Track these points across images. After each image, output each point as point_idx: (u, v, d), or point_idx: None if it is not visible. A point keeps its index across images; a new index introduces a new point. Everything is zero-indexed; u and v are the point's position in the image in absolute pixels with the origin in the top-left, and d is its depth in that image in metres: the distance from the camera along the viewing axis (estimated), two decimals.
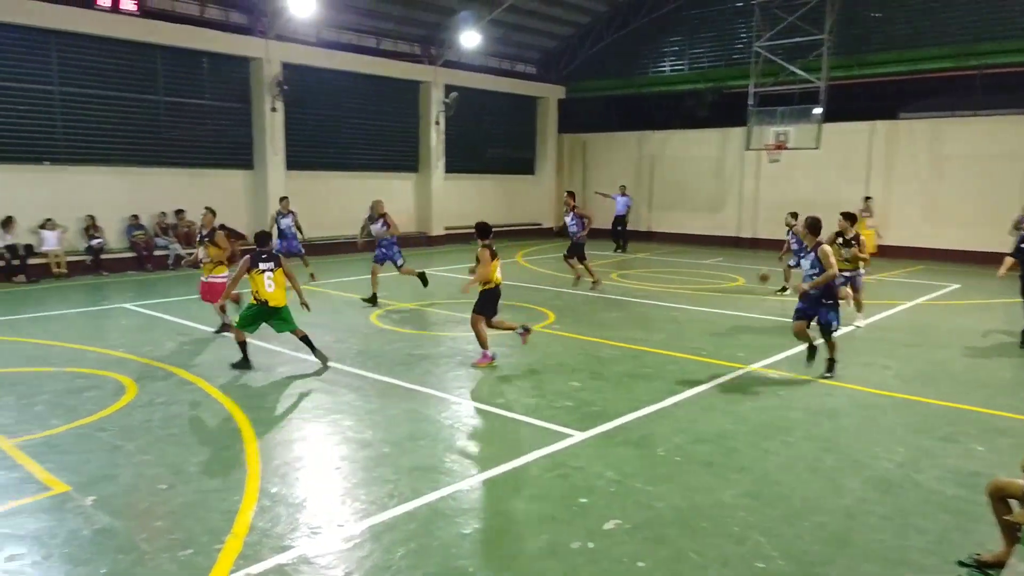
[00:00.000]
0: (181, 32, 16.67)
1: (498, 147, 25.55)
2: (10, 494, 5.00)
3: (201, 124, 17.82)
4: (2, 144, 14.72)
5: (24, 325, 10.54)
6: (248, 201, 18.80)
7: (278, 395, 7.46)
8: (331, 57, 19.55)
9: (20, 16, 14.31)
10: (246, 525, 4.59)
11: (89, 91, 15.80)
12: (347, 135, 20.84)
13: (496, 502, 5.04)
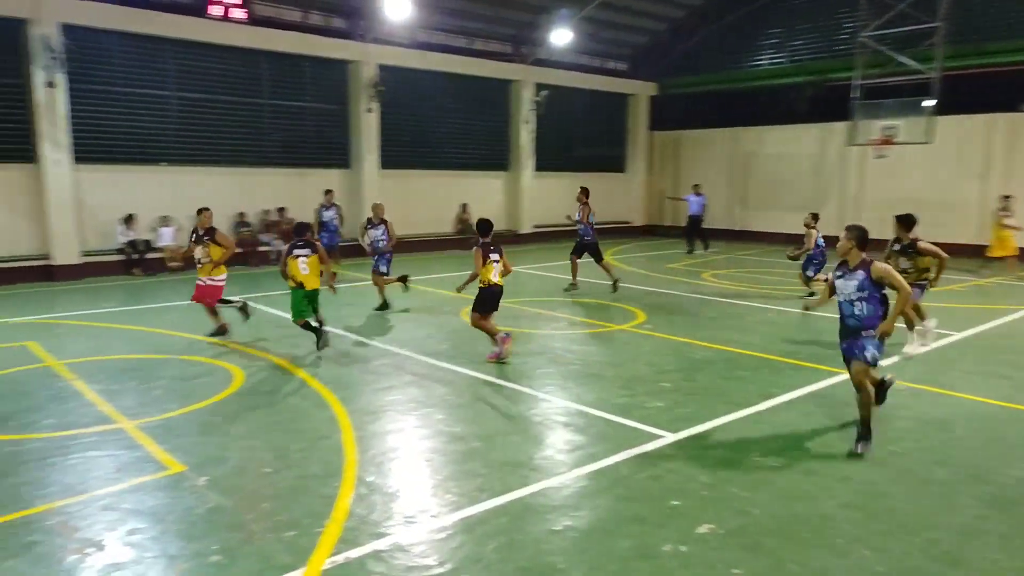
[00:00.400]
0: (285, 38, 17.41)
1: (588, 145, 25.41)
2: (132, 472, 5.37)
3: (302, 125, 18.57)
4: (125, 147, 15.80)
5: (143, 315, 11.29)
6: (344, 199, 19.39)
7: (373, 387, 7.69)
8: (424, 58, 19.96)
9: (141, 26, 15.30)
10: (345, 511, 4.76)
11: (201, 96, 16.75)
12: (438, 135, 21.23)
13: (585, 500, 5.02)
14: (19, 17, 13.84)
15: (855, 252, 5.84)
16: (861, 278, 5.75)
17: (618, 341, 9.76)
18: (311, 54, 18.11)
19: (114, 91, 15.47)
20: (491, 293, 8.57)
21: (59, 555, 4.19)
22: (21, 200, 14.48)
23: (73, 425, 6.33)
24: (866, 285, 5.74)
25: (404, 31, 19.38)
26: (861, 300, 5.77)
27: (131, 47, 15.51)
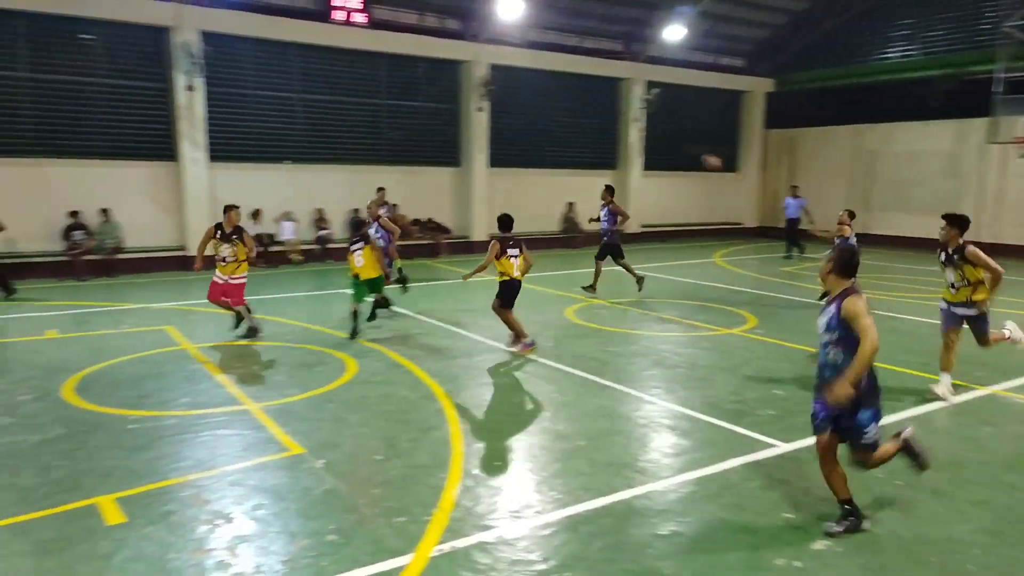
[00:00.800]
0: (402, 40, 17.97)
1: (699, 144, 24.69)
2: (256, 451, 5.71)
3: (415, 125, 19.12)
4: (254, 146, 16.81)
5: (265, 304, 11.96)
6: (454, 197, 19.88)
7: (479, 382, 7.82)
8: (534, 57, 20.07)
9: (271, 31, 16.21)
10: (451, 501, 4.87)
11: (323, 97, 17.56)
12: (546, 133, 21.30)
13: (692, 506, 4.91)
14: (163, 25, 14.99)
15: (834, 279, 4.47)
16: (830, 315, 4.42)
17: (727, 345, 9.48)
18: (426, 55, 18.61)
19: (245, 94, 16.48)
20: (510, 286, 8.87)
21: (192, 525, 4.51)
22: (163, 195, 15.69)
23: (204, 405, 6.80)
24: (834, 324, 4.38)
25: (516, 31, 19.55)
26: (834, 345, 4.40)
27: (261, 52, 16.46)
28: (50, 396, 6.97)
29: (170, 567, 4.03)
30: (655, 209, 23.28)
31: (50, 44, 14.34)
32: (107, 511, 4.63)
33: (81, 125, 14.86)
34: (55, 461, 5.47)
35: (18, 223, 14.24)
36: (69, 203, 14.52)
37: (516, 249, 8.90)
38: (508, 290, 8.88)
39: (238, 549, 4.24)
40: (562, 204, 21.55)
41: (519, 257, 8.88)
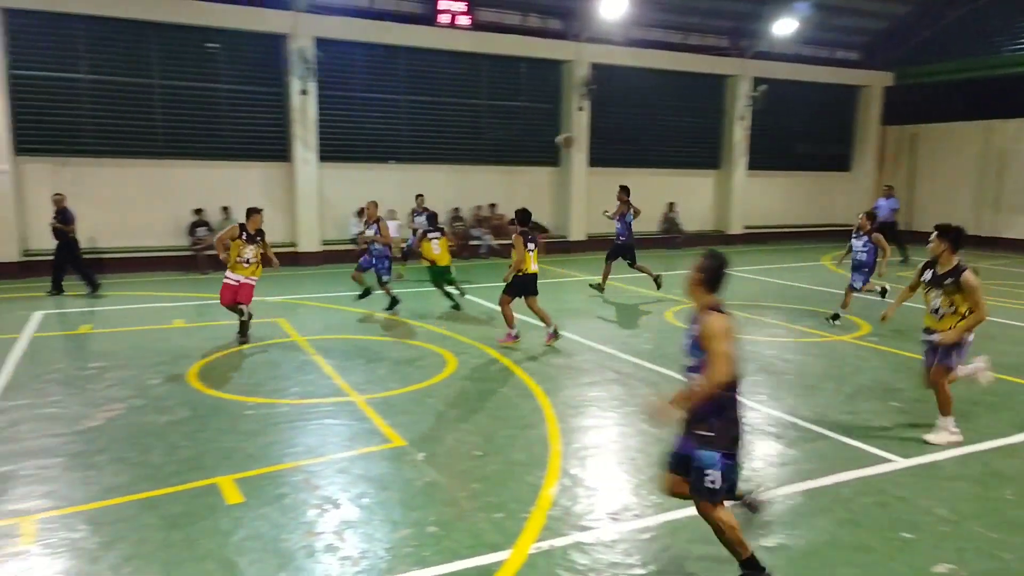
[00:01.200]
0: (505, 41, 18.17)
1: (808, 142, 23.74)
2: (361, 441, 5.92)
3: (515, 125, 19.28)
4: (361, 146, 17.43)
5: (370, 300, 12.37)
6: (553, 196, 19.91)
7: (576, 382, 7.79)
8: (637, 55, 19.80)
9: (379, 36, 16.76)
10: (549, 500, 4.88)
11: (427, 98, 17.98)
12: (647, 132, 20.97)
13: (801, 519, 4.71)
14: (281, 33, 15.77)
15: (700, 293, 3.75)
16: (692, 335, 3.74)
17: (838, 352, 9.04)
18: (527, 55, 18.73)
19: (353, 96, 17.10)
20: (524, 279, 9.11)
21: (303, 508, 4.73)
22: (277, 194, 16.51)
23: (313, 395, 7.11)
24: (694, 348, 3.73)
25: (618, 29, 19.35)
26: (699, 372, 3.68)
27: (369, 55, 17.03)
28: (177, 380, 7.48)
29: (283, 547, 4.23)
30: (759, 210, 22.50)
31: (179, 53, 15.37)
32: (227, 491, 4.92)
33: (205, 128, 15.85)
34: (181, 441, 5.86)
35: (149, 220, 15.38)
36: (194, 201, 15.52)
37: (533, 243, 9.22)
38: (521, 283, 9.15)
39: (345, 534, 4.41)
40: (662, 204, 21.18)
41: (535, 251, 9.22)
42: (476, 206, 18.82)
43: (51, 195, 12.61)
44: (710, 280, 3.71)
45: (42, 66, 14.29)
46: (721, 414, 3.67)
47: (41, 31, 14.17)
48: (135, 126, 15.21)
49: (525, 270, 9.10)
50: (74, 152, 14.74)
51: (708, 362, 3.57)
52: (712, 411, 3.64)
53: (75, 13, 14.15)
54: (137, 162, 15.25)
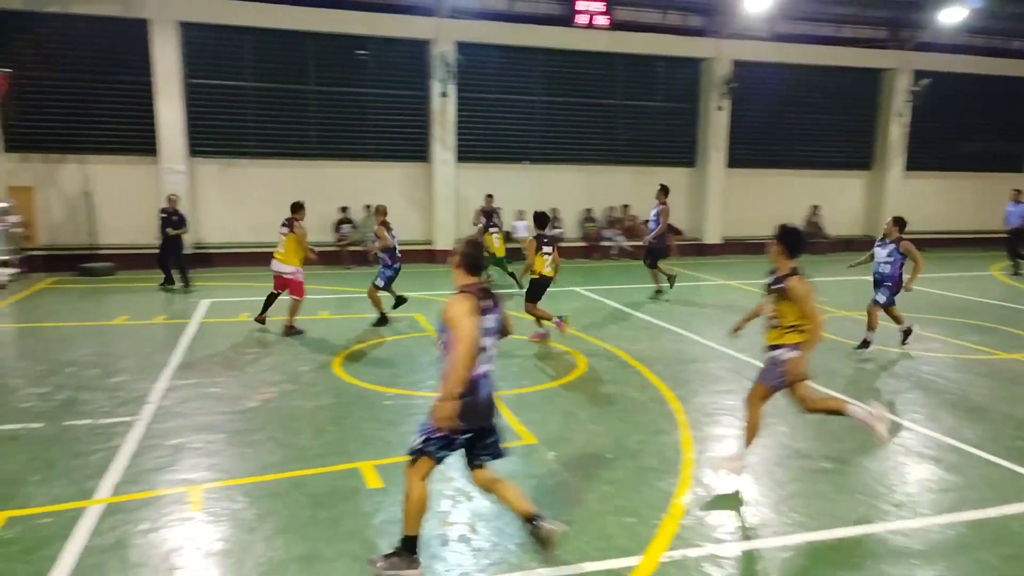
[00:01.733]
0: (643, 40, 17.92)
1: (975, 140, 21.70)
2: None
3: (650, 125, 18.97)
4: (495, 147, 17.77)
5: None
6: (688, 197, 19.42)
7: (711, 389, 7.56)
8: (782, 51, 18.92)
9: (517, 39, 17.03)
10: (682, 509, 4.76)
11: (561, 99, 18.07)
12: (791, 132, 19.98)
13: (963, 552, 4.32)
14: (425, 38, 16.38)
15: (461, 273, 3.97)
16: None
17: (1009, 372, 8.21)
18: (665, 54, 18.38)
19: (490, 97, 17.48)
20: (542, 282, 9.18)
21: (437, 498, 4.84)
22: (415, 193, 17.18)
23: None
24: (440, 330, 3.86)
25: (763, 24, 18.57)
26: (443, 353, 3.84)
27: (506, 58, 17.35)
28: (323, 368, 7.95)
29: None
30: (918, 213, 20.56)
31: (332, 60, 16.34)
32: (368, 476, 5.18)
33: (353, 130, 16.76)
34: (326, 426, 6.23)
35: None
36: (340, 199, 16.43)
37: (549, 247, 9.24)
38: (540, 286, 9.21)
39: (477, 526, 4.51)
40: (805, 207, 20.12)
41: (551, 255, 9.20)
42: (608, 207, 18.68)
43: (167, 196, 13.37)
44: (468, 263, 3.94)
45: (213, 75, 15.64)
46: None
47: (213, 42, 15.52)
48: (291, 129, 16.32)
49: (541, 273, 9.15)
50: (239, 154, 16.03)
51: (455, 341, 3.63)
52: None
53: (243, 26, 15.39)
54: (291, 163, 16.36)
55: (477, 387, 3.84)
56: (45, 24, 14.38)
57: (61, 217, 15.09)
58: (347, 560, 4.10)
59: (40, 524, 4.43)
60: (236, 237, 16.11)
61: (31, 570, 3.93)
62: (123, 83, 15.08)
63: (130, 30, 14.76)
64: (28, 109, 14.55)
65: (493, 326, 3.92)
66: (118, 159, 15.31)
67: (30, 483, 5.00)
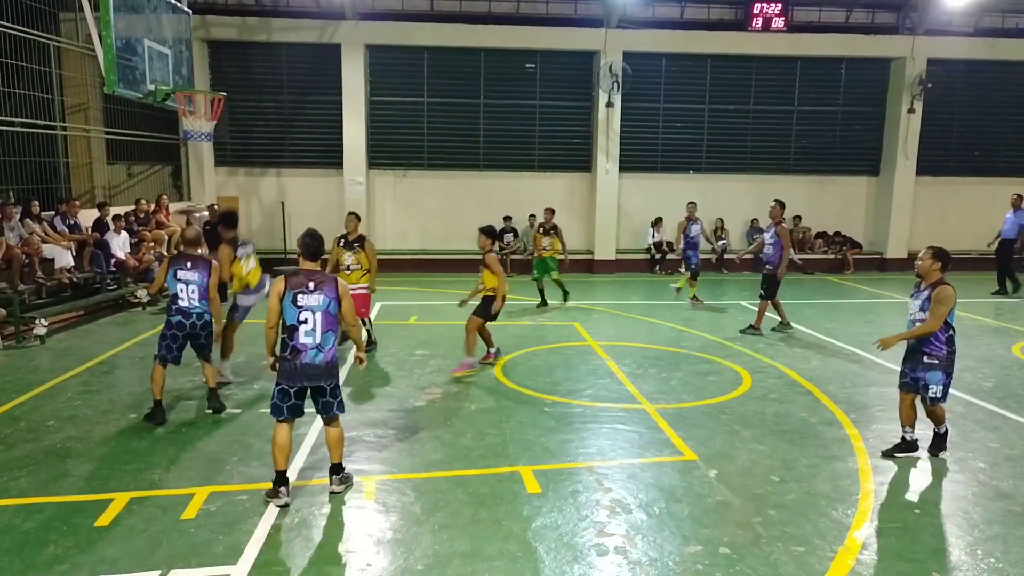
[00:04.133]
0: (824, 41, 16.88)
1: None
2: (652, 450, 5.94)
3: (830, 131, 17.82)
4: (660, 156, 17.48)
5: (662, 310, 12.37)
6: (870, 208, 18.05)
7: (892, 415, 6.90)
8: (987, 47, 17.03)
9: (686, 46, 16.66)
10: (858, 542, 4.43)
11: (732, 106, 17.44)
12: (996, 135, 17.94)
13: None
14: (593, 50, 16.49)
15: (304, 261, 4.99)
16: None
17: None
18: (849, 55, 17.19)
19: (655, 107, 17.24)
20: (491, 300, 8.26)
21: (595, 507, 4.89)
22: (577, 203, 17.31)
23: (605, 399, 7.31)
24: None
25: (965, 19, 16.88)
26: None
27: (675, 66, 17.05)
28: (485, 372, 8.22)
29: (577, 542, 4.42)
30: None
31: (502, 73, 16.88)
32: (527, 480, 5.29)
33: (519, 142, 17.20)
34: (487, 428, 6.43)
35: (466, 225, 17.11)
36: (505, 209, 16.90)
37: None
38: (489, 304, 8.23)
39: (635, 539, 4.46)
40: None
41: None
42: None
43: (215, 201, 13.28)
44: (307, 251, 4.94)
45: (393, 92, 16.71)
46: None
47: (394, 62, 16.59)
48: (461, 142, 17.05)
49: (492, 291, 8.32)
50: (411, 166, 17.00)
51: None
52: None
53: (420, 45, 16.32)
54: (460, 174, 17.08)
55: (298, 353, 4.76)
56: (252, 51, 16.09)
57: (260, 224, 16.76)
58: (506, 560, 4.21)
59: (238, 500, 4.94)
60: (407, 244, 17.05)
61: (230, 541, 4.40)
62: (317, 102, 16.51)
63: (324, 54, 16.14)
64: (236, 128, 16.35)
65: (315, 305, 4.76)
66: (310, 172, 16.76)
67: (231, 463, 5.60)
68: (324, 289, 4.79)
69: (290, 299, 4.73)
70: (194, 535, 4.46)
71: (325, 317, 4.78)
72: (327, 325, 4.79)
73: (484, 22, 16.21)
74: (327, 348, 4.81)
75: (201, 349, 6.66)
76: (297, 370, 4.76)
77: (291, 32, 15.88)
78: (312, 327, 4.74)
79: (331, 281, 4.87)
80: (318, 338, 4.77)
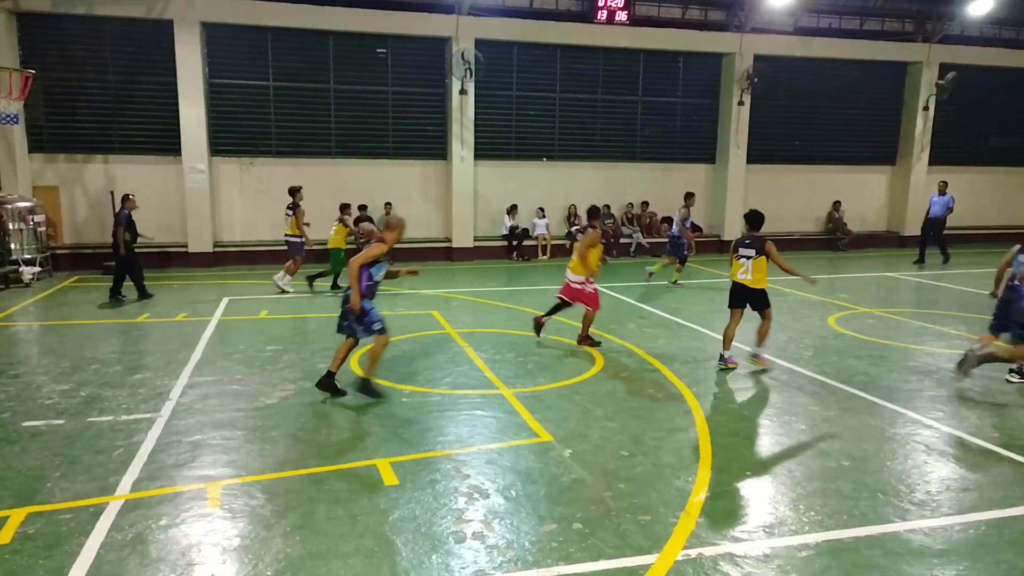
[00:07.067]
0: (663, 35, 17.77)
1: (1003, 134, 21.29)
2: (509, 434, 6.04)
3: (670, 121, 18.82)
4: (514, 144, 17.74)
5: (519, 296, 12.60)
6: (708, 194, 19.27)
7: (730, 387, 7.50)
8: (805, 45, 18.67)
9: (536, 35, 16.96)
10: (698, 506, 4.74)
11: (581, 95, 17.98)
12: (813, 126, 19.73)
13: (984, 552, 4.25)
14: (445, 36, 16.39)
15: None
16: None
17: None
18: (686, 49, 18.20)
19: (509, 95, 17.44)
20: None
21: (453, 495, 4.89)
22: (433, 191, 17.22)
23: (464, 386, 7.34)
24: None
25: (785, 18, 18.36)
26: None
27: (526, 55, 17.30)
28: (341, 365, 7.97)
29: (435, 531, 4.41)
30: None
31: (352, 58, 16.40)
32: (384, 473, 5.20)
33: (372, 129, 16.81)
34: (343, 423, 6.27)
35: (319, 214, 16.55)
36: (359, 198, 16.48)
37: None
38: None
39: (493, 523, 4.51)
40: (827, 203, 19.89)
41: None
42: (627, 204, 18.60)
43: (122, 196, 11.89)
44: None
45: (235, 74, 15.78)
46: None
47: (235, 42, 15.65)
48: (311, 128, 16.42)
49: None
50: (259, 153, 16.17)
51: None
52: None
53: (264, 26, 15.50)
54: (312, 161, 16.46)
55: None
56: (71, 26, 14.59)
57: (85, 216, 15.32)
58: (362, 556, 4.12)
59: (61, 520, 4.50)
60: (256, 235, 16.25)
61: (52, 565, 4.00)
62: (148, 84, 15.25)
63: (154, 31, 14.93)
64: (53, 111, 14.80)
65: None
66: (143, 159, 15.49)
67: (52, 479, 5.09)
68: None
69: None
70: (10, 562, 4.02)
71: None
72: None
73: (331, 4, 15.65)
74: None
75: None
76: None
77: (115, 6, 14.55)
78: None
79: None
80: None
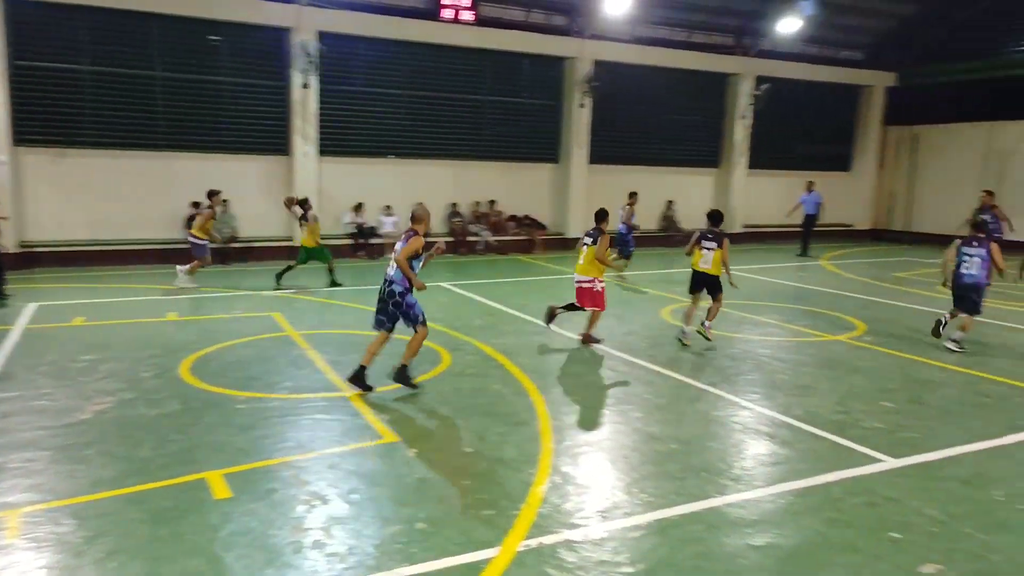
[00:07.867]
0: (508, 37, 18.07)
1: (810, 141, 23.66)
2: (353, 437, 5.90)
3: (516, 121, 19.22)
4: (360, 141, 17.37)
5: (365, 295, 12.32)
6: (552, 193, 19.88)
7: (572, 380, 7.78)
8: (641, 53, 19.73)
9: (382, 31, 16.69)
10: (539, 497, 4.87)
11: (428, 93, 17.91)
12: (650, 130, 20.90)
13: (790, 518, 4.70)
14: (285, 26, 15.72)
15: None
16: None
17: (832, 352, 9.02)
18: (530, 52, 18.65)
19: (355, 90, 17.04)
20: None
21: (292, 504, 4.71)
22: (275, 188, 16.47)
23: (306, 389, 7.09)
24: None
25: (623, 26, 19.29)
26: None
27: (372, 50, 16.96)
28: (169, 373, 7.46)
29: (271, 543, 4.22)
30: (759, 209, 22.42)
31: (182, 45, 15.31)
32: (215, 486, 4.91)
33: (206, 121, 15.79)
34: (171, 435, 5.84)
35: (147, 211, 15.36)
36: (192, 194, 15.45)
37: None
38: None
39: (333, 530, 4.39)
40: (662, 202, 21.17)
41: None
42: (475, 202, 18.78)
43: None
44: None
45: (44, 57, 14.24)
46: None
47: (44, 21, 14.13)
48: (135, 118, 15.15)
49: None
50: (73, 143, 14.70)
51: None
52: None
53: (77, 4, 14.10)
54: (136, 154, 15.21)
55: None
56: None
57: None
58: None
59: None
60: (71, 234, 14.78)
61: None
62: None
63: None
64: None
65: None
66: None
67: None
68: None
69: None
70: None
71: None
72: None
73: None
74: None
75: None
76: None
77: None
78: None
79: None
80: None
